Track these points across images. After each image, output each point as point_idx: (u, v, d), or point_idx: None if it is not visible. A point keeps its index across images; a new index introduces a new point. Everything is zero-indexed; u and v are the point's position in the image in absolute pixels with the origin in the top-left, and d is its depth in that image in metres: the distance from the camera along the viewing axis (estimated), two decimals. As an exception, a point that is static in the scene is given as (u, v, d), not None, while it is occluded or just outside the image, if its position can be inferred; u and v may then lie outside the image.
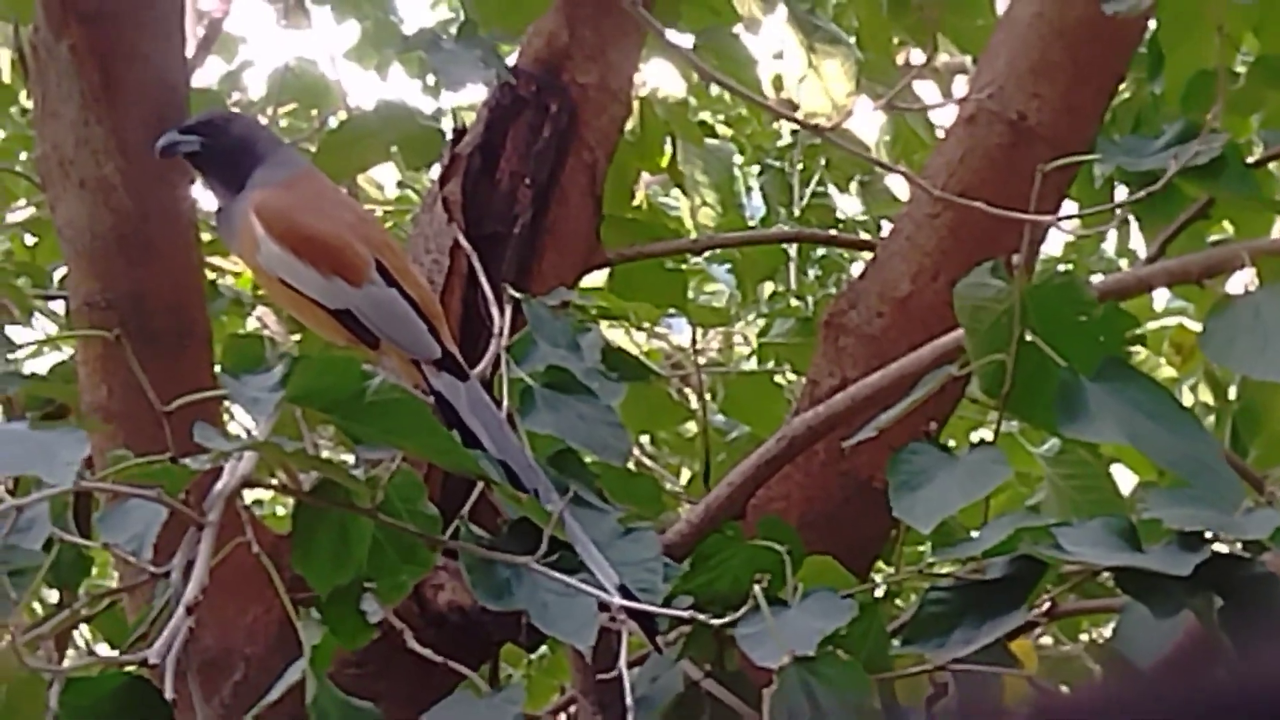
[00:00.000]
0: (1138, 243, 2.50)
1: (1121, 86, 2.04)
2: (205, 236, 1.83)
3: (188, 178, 1.72)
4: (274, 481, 1.40)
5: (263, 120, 2.59)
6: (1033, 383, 1.47)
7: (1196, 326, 2.57)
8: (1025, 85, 1.92)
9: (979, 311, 1.49)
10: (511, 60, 2.02)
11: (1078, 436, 1.43)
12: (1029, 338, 1.47)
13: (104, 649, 2.34)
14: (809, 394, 1.95)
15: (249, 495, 1.51)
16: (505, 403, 1.56)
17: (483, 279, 1.86)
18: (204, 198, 1.76)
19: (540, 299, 1.75)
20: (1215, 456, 1.40)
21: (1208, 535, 1.32)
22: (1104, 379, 1.42)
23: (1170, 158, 1.53)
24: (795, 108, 2.50)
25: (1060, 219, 1.91)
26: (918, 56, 2.89)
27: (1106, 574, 1.44)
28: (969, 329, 1.50)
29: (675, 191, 2.74)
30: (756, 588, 1.39)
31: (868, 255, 2.09)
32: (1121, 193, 2.28)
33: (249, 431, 1.36)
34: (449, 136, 2.03)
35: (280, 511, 2.89)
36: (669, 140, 2.48)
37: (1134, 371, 1.44)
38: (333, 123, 2.39)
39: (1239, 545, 1.33)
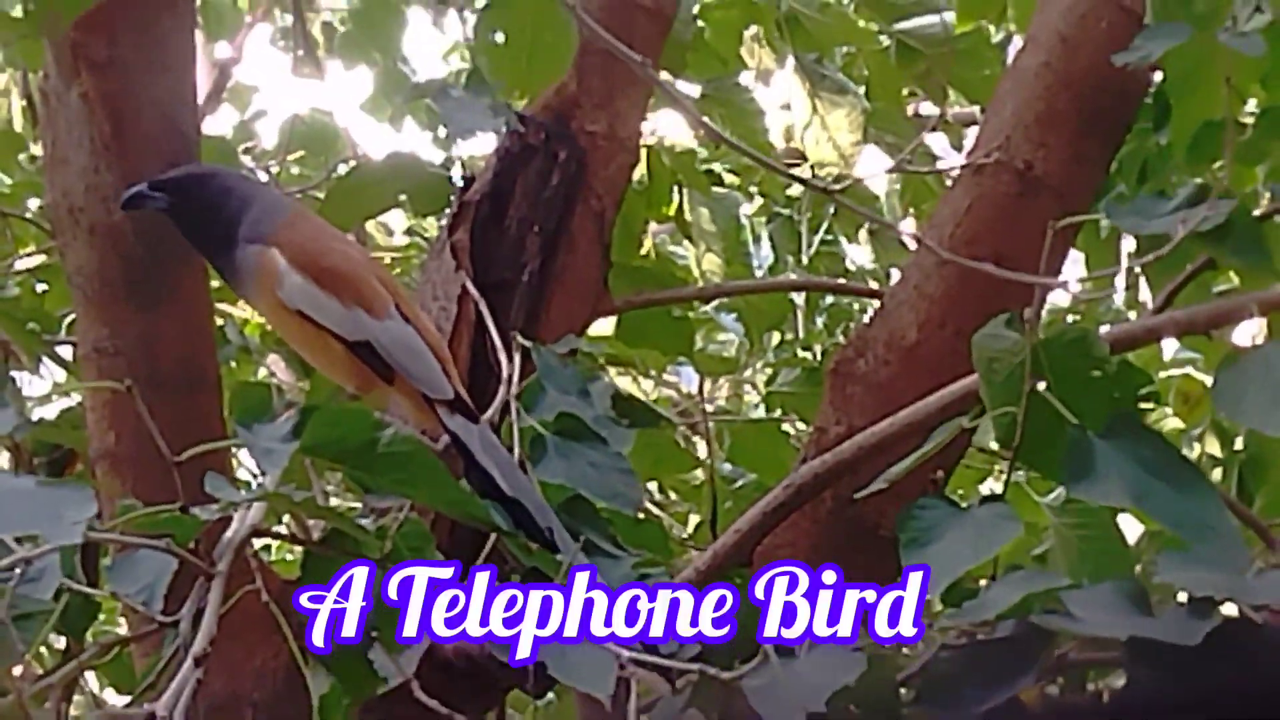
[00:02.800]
0: (1145, 293, 2.50)
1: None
2: (215, 283, 1.83)
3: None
4: (282, 529, 1.40)
5: (274, 167, 2.60)
6: (1044, 435, 1.47)
7: (1203, 377, 2.57)
8: (1032, 135, 1.93)
9: (995, 362, 1.49)
10: (520, 108, 2.03)
11: (1085, 497, 1.43)
12: (1042, 390, 1.47)
13: (110, 694, 2.33)
14: (816, 442, 1.95)
15: (256, 541, 1.51)
16: (516, 449, 1.56)
17: (491, 326, 1.86)
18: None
19: (549, 347, 1.75)
20: (1220, 518, 1.40)
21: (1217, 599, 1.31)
22: (1112, 436, 1.42)
23: (1179, 221, 1.53)
24: (804, 158, 2.50)
25: (1067, 282, 1.91)
26: (926, 106, 2.90)
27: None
28: (985, 379, 1.50)
29: (683, 240, 2.74)
30: (767, 641, 1.39)
31: (876, 304, 2.10)
32: (1127, 242, 2.28)
33: (257, 476, 1.36)
34: (458, 184, 2.03)
35: (289, 558, 2.89)
36: (676, 189, 2.49)
37: (1143, 428, 1.43)
38: (342, 170, 2.39)
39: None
